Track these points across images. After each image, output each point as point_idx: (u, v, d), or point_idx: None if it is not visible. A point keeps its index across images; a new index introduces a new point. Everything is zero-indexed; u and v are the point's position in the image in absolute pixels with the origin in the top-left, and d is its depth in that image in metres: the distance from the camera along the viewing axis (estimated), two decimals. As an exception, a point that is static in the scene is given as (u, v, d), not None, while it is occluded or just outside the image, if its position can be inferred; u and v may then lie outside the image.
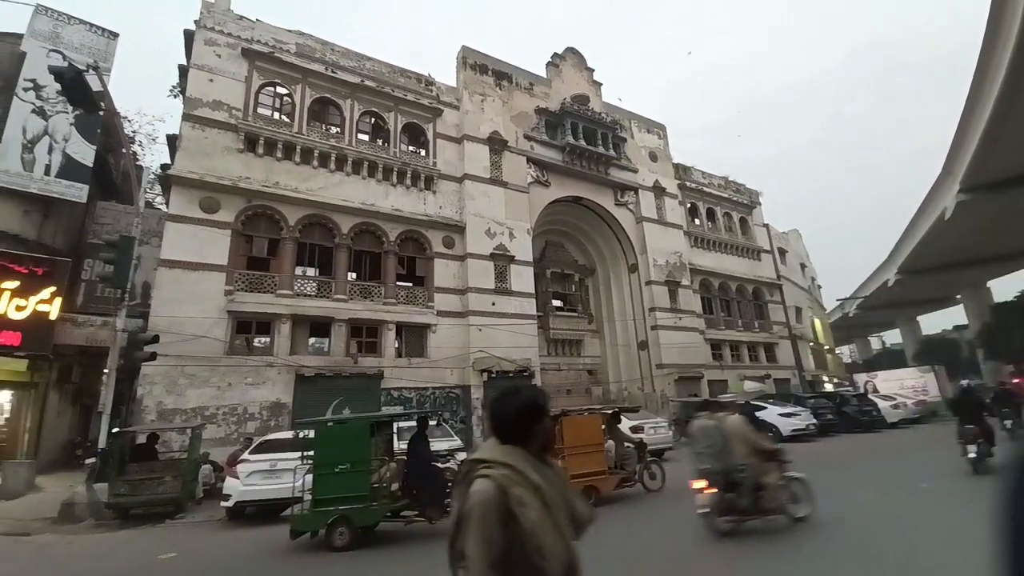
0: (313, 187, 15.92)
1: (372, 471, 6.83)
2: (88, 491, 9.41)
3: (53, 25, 14.47)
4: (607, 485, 8.13)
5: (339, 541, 6.38)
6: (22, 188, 13.39)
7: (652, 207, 24.65)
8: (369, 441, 6.89)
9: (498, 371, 17.03)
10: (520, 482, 1.42)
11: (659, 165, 25.99)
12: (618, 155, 23.76)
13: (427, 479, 6.87)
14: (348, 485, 6.57)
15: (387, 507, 6.73)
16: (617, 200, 23.79)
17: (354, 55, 18.24)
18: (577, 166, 22.34)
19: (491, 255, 18.38)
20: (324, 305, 15.29)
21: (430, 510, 6.72)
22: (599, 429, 8.58)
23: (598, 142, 22.84)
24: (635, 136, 25.62)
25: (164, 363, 11.76)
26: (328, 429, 7.32)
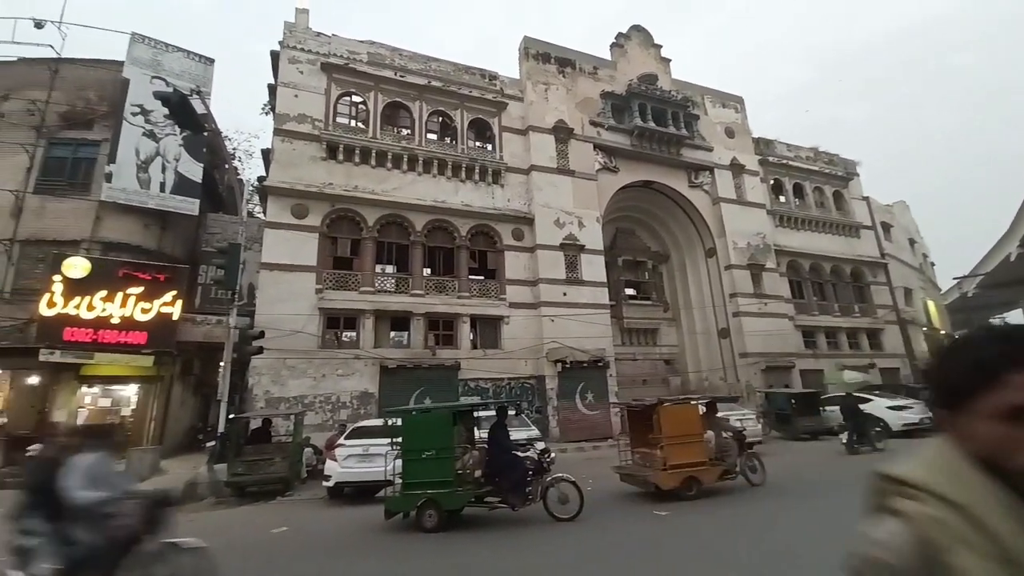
0: (388, 188, 16.69)
1: (456, 458, 7.09)
2: (209, 472, 10.57)
3: (152, 53, 16.03)
4: (709, 476, 7.88)
5: (428, 522, 6.70)
6: (140, 204, 15.21)
7: (730, 186, 23.15)
8: (451, 429, 7.17)
9: (572, 361, 16.91)
10: (974, 541, 0.74)
11: (737, 141, 24.32)
12: (691, 134, 22.55)
13: (508, 467, 7.01)
14: (434, 470, 6.88)
15: (471, 493, 6.97)
16: (691, 182, 22.61)
17: (421, 58, 18.82)
18: (647, 149, 21.50)
19: (560, 245, 18.24)
20: (403, 300, 16.03)
21: (512, 497, 6.84)
22: (698, 419, 8.29)
23: (668, 122, 21.81)
24: (709, 112, 24.15)
25: (269, 356, 12.96)
26: (413, 418, 7.69)
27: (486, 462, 7.24)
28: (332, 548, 6.48)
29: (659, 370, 21.84)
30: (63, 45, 16.36)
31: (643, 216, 23.56)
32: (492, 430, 7.37)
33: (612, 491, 8.48)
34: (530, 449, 7.72)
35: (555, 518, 6.68)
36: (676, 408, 8.28)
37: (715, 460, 8.13)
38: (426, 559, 5.75)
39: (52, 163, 14.94)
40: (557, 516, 6.69)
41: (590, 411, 16.98)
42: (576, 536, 6.16)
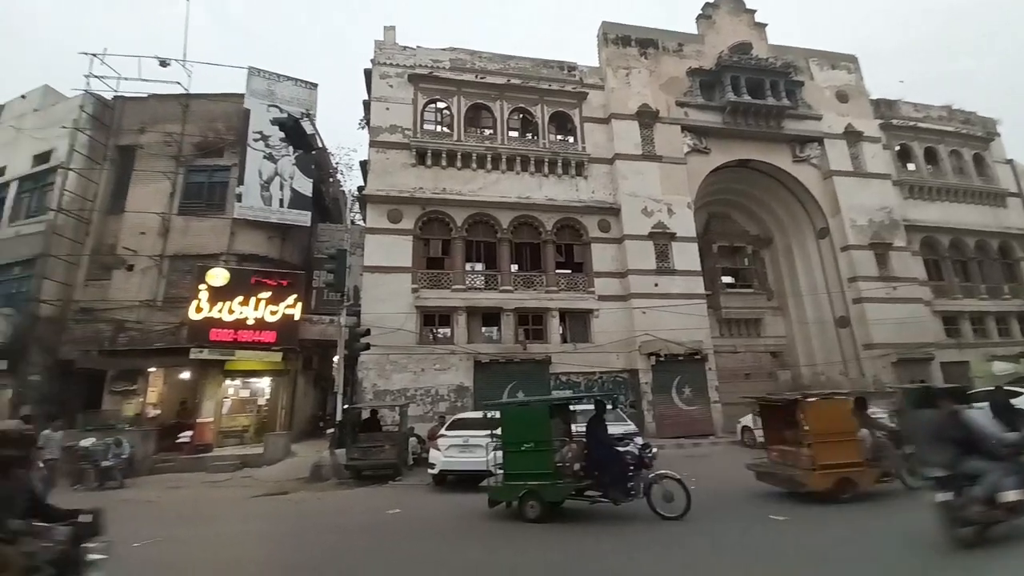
0: (474, 188, 17.20)
1: (554, 451, 7.14)
2: (331, 456, 11.72)
3: (267, 84, 18.01)
4: (865, 479, 7.16)
5: (531, 513, 6.84)
6: (265, 219, 17.17)
7: (844, 157, 20.69)
8: (549, 423, 7.23)
9: (666, 354, 16.25)
10: None
11: (851, 105, 21.65)
12: (793, 103, 20.49)
13: (608, 461, 6.93)
14: (534, 463, 7.00)
15: (572, 486, 6.97)
16: (796, 156, 20.55)
17: (499, 58, 19.11)
18: (742, 125, 19.90)
19: (649, 234, 17.56)
20: (492, 296, 16.46)
21: (613, 492, 6.75)
22: (849, 415, 7.62)
23: (766, 93, 19.99)
24: (816, 76, 21.74)
25: (375, 352, 14.02)
26: (512, 411, 7.88)
27: (585, 456, 7.22)
28: (441, 531, 6.87)
29: (764, 363, 20.21)
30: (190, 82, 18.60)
31: (739, 198, 21.87)
32: (590, 424, 7.33)
33: (719, 492, 8.03)
34: (629, 444, 7.55)
35: (660, 516, 6.48)
36: (823, 403, 7.66)
37: (871, 461, 7.37)
38: (528, 548, 5.85)
39: (192, 187, 17.39)
40: (663, 514, 6.48)
41: (688, 406, 16.20)
42: (683, 536, 5.92)
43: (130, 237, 16.20)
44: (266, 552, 6.44)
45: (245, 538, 7.20)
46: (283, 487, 10.95)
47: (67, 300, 15.82)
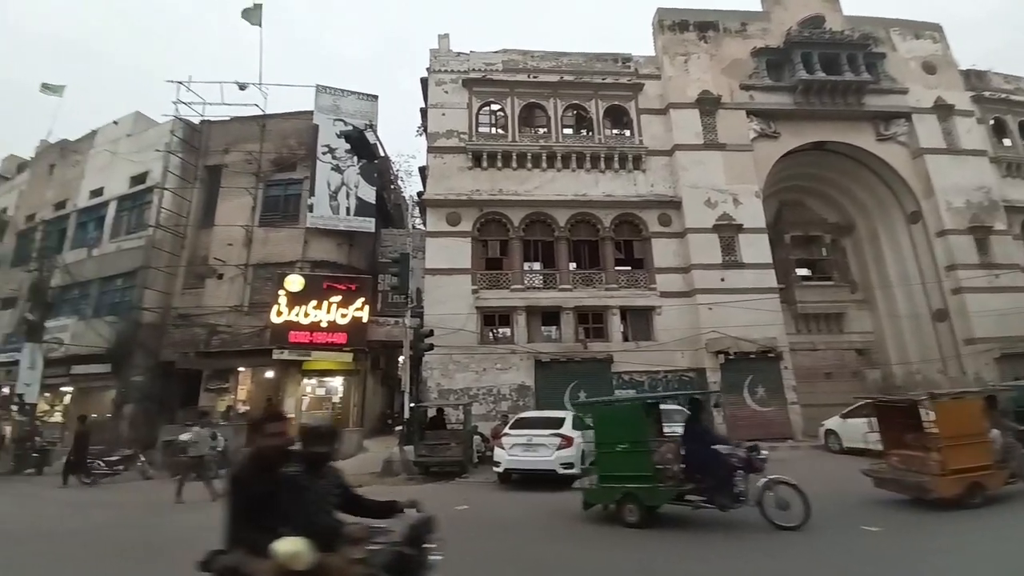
0: (530, 188, 17.23)
1: (652, 451, 6.77)
2: (401, 452, 12.18)
3: (332, 99, 19.02)
4: (995, 481, 6.64)
5: (630, 517, 6.51)
6: (334, 227, 18.17)
7: (936, 133, 18.67)
8: (645, 422, 6.91)
9: (736, 352, 15.45)
10: None
11: (939, 77, 19.51)
12: (875, 77, 18.77)
13: (710, 464, 6.44)
14: (631, 464, 6.65)
15: (674, 489, 6.52)
16: (880, 134, 18.80)
17: (551, 55, 19.02)
18: (816, 104, 18.50)
19: (714, 227, 16.76)
20: (551, 295, 16.42)
21: (720, 497, 6.22)
22: (980, 415, 7.02)
23: (843, 68, 18.44)
24: (898, 48, 19.81)
25: (438, 352, 14.42)
26: (604, 409, 7.60)
27: (683, 458, 6.77)
28: (522, 530, 6.80)
29: (848, 361, 18.67)
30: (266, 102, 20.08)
31: (815, 184, 20.34)
32: (688, 424, 6.94)
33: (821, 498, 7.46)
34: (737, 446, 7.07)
35: (775, 526, 5.95)
36: (953, 403, 7.11)
37: (999, 463, 6.76)
38: (629, 553, 5.61)
39: (270, 201, 18.74)
40: (778, 523, 5.94)
41: (761, 407, 15.31)
42: (802, 548, 5.45)
43: (219, 248, 17.74)
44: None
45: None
46: (358, 480, 11.48)
47: (167, 307, 17.60)
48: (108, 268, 18.64)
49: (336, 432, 2.76)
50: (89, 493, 11.32)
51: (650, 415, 7.50)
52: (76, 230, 20.39)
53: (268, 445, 2.50)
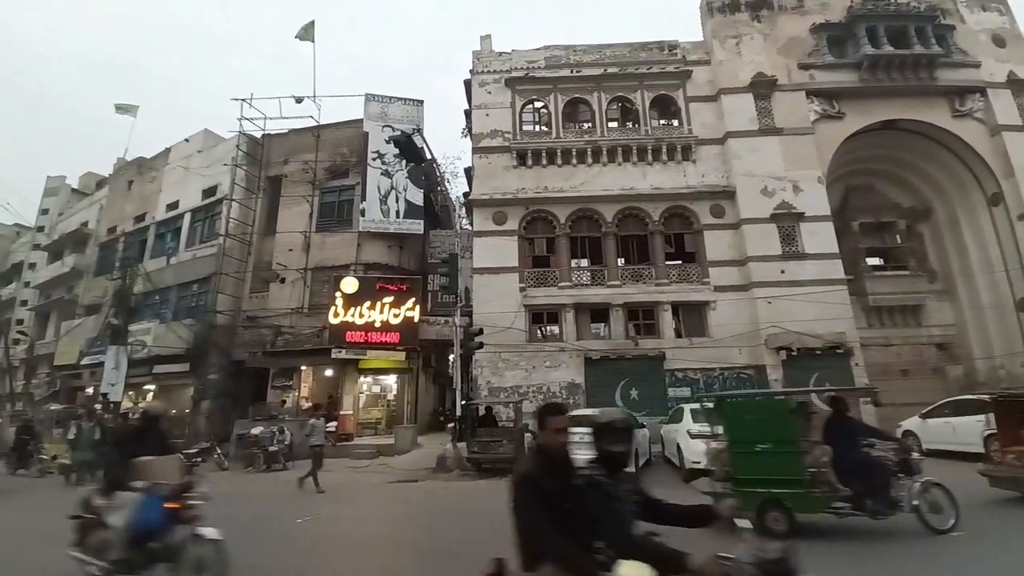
0: (576, 184, 17.06)
1: (805, 453, 6.08)
2: (454, 449, 12.44)
3: (381, 107, 19.71)
4: None
5: (775, 526, 5.77)
6: (384, 230, 18.80)
7: (1011, 109, 16.85)
8: (793, 420, 6.27)
9: (800, 348, 14.61)
10: None
11: (1010, 50, 17.59)
12: (945, 50, 17.18)
13: (865, 467, 5.88)
14: (776, 467, 5.99)
15: (831, 496, 5.77)
16: (955, 110, 17.16)
17: (594, 48, 18.71)
18: (884, 81, 17.14)
19: (772, 216, 15.92)
20: (600, 292, 16.18)
21: (874, 503, 5.64)
22: None
23: (912, 41, 16.98)
24: (966, 19, 18.08)
25: (488, 351, 14.59)
26: (739, 405, 6.99)
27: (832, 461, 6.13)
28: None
29: (927, 357, 17.17)
30: (319, 114, 21.05)
31: (885, 166, 18.83)
32: (832, 423, 6.29)
33: None
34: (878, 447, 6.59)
35: (933, 530, 5.50)
36: None
37: None
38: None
39: (325, 207, 19.66)
40: (935, 528, 5.51)
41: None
42: (974, 551, 5.06)
43: (281, 254, 18.82)
44: (408, 534, 6.97)
45: (387, 519, 7.95)
46: (414, 475, 11.87)
47: (237, 310, 18.86)
48: (184, 275, 20.22)
49: (633, 428, 2.30)
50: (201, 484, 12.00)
51: (799, 412, 6.80)
52: (155, 240, 22.26)
53: (553, 442, 2.15)
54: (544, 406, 2.38)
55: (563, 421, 2.22)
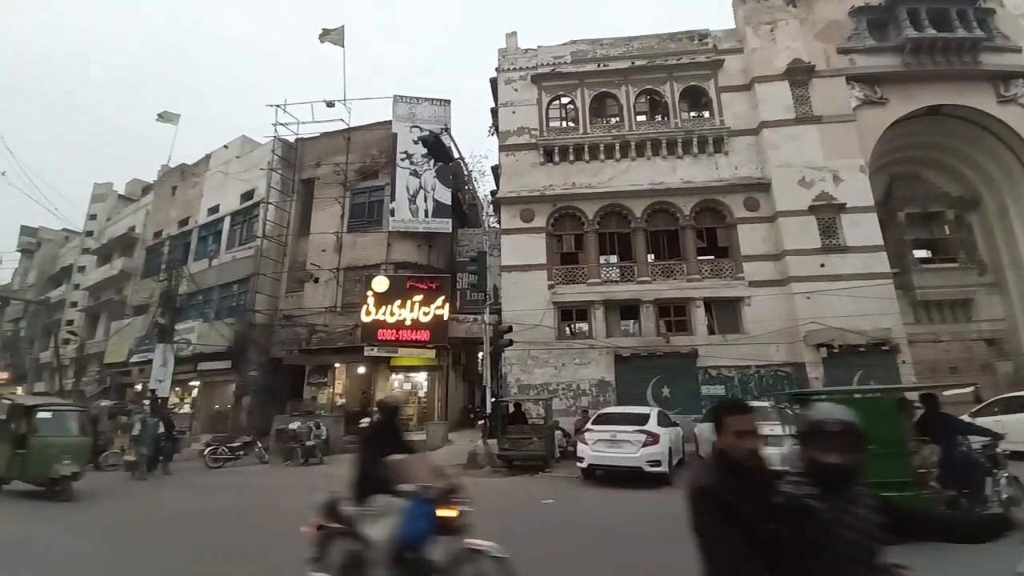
0: (604, 179, 16.87)
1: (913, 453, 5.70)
2: (484, 445, 12.52)
3: (409, 108, 19.91)
4: None
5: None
6: (413, 230, 19.04)
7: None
8: (900, 418, 5.85)
9: (841, 345, 14.06)
10: None
11: None
12: (988, 34, 16.25)
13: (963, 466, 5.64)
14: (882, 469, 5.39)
15: (939, 497, 5.43)
16: (1000, 95, 16.19)
17: (621, 41, 18.42)
18: (927, 65, 16.30)
19: (810, 208, 15.35)
20: (629, 289, 15.97)
21: (968, 502, 5.48)
22: None
23: (954, 24, 16.17)
24: (1005, 3, 17.17)
25: (517, 348, 14.62)
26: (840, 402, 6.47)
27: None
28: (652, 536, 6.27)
29: (976, 353, 16.26)
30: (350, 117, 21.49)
31: (931, 153, 17.90)
32: (925, 419, 6.06)
33: None
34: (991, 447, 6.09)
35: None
36: None
37: None
38: None
39: (356, 208, 20.06)
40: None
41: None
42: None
43: (315, 254, 19.34)
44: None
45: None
46: (445, 471, 11.99)
47: (274, 309, 19.50)
48: (225, 276, 21.03)
49: (863, 435, 1.67)
50: (245, 477, 12.21)
51: (903, 410, 6.40)
52: (198, 243, 23.21)
53: (736, 447, 1.77)
54: (719, 404, 2.05)
55: (748, 422, 1.81)
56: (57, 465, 8.45)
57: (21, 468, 8.66)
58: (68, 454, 8.76)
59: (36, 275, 38.51)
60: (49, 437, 8.89)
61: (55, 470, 8.42)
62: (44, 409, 9.51)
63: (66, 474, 8.50)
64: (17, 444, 8.69)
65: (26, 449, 8.64)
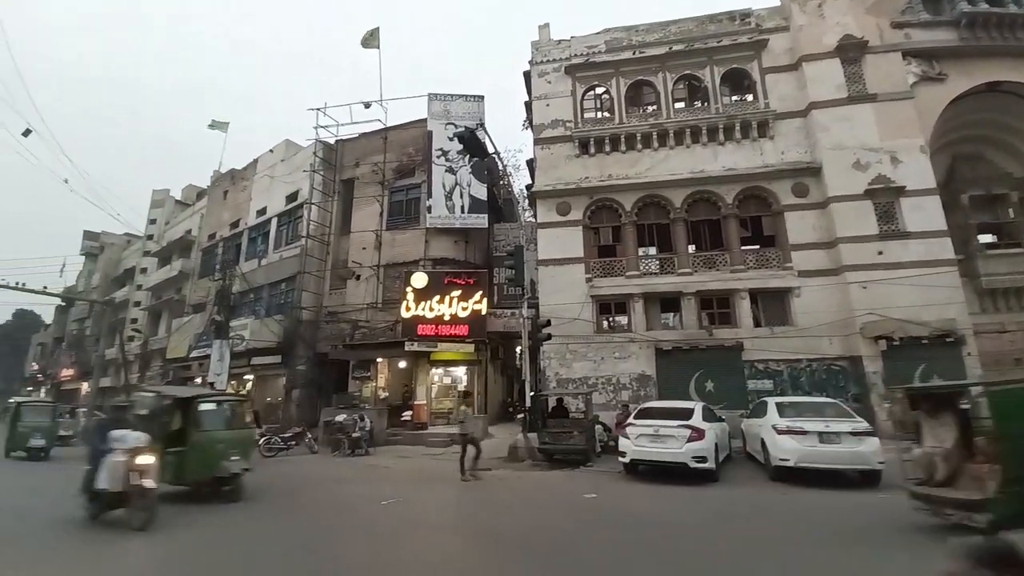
0: (641, 170, 16.50)
1: None
2: (525, 439, 12.58)
3: (443, 105, 20.14)
4: None
5: None
6: (450, 226, 19.27)
7: None
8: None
9: (902, 337, 13.25)
10: None
11: None
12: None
13: None
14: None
15: None
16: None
17: (657, 26, 17.90)
18: (984, 40, 15.13)
19: (866, 192, 14.50)
20: (669, 281, 15.61)
21: None
22: None
23: (1007, 0, 14.85)
24: None
25: (555, 342, 14.60)
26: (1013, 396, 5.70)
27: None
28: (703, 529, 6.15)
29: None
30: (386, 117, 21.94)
31: (993, 131, 16.48)
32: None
33: None
34: None
35: None
36: None
37: None
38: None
39: (394, 206, 20.51)
40: None
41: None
42: None
43: (356, 252, 19.93)
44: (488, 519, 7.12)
45: (463, 505, 8.21)
46: (486, 464, 12.12)
47: (319, 306, 20.24)
48: (274, 274, 21.99)
49: None
50: (300, 466, 12.67)
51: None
52: (248, 244, 24.37)
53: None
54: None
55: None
56: (226, 462, 7.72)
57: (177, 469, 7.59)
58: (235, 449, 8.05)
59: (100, 277, 41.43)
60: (214, 431, 8.10)
61: (223, 468, 7.68)
62: (206, 400, 8.63)
63: (236, 471, 7.84)
64: (170, 442, 7.63)
65: (186, 446, 7.70)
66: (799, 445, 8.48)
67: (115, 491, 6.16)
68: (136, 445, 6.35)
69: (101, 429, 6.80)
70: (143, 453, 6.32)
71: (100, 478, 6.25)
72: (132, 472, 6.12)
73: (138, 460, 6.21)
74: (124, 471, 6.13)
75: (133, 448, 6.31)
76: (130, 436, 6.43)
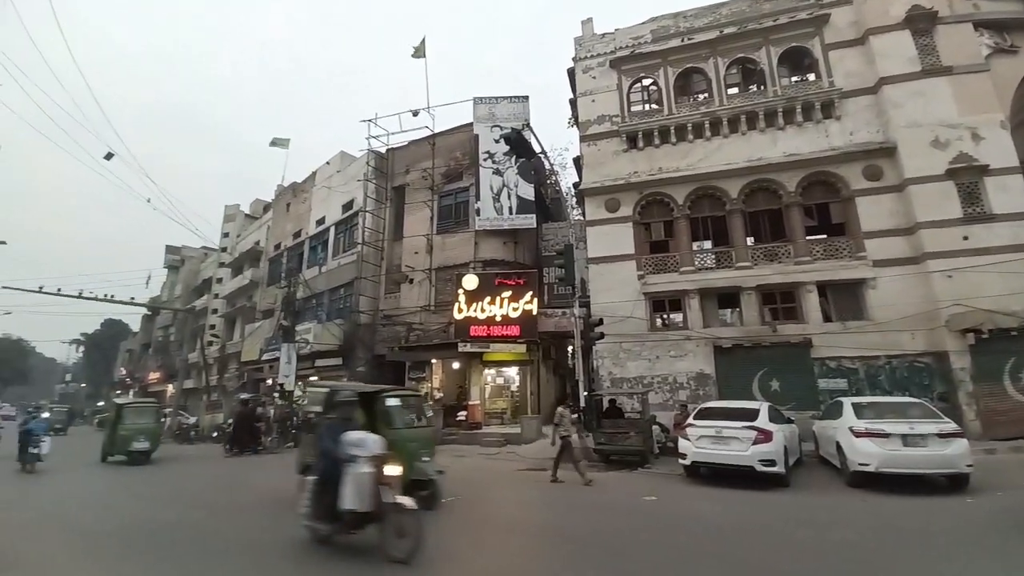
0: (693, 161, 15.93)
1: None
2: (580, 439, 12.47)
3: (488, 108, 20.36)
4: None
5: None
6: (499, 227, 19.46)
7: None
8: None
9: (991, 329, 12.00)
10: None
11: None
12: None
13: None
14: None
15: None
16: None
17: (706, 10, 17.20)
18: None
19: (947, 172, 13.24)
20: (727, 275, 14.96)
21: None
22: None
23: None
24: None
25: (608, 341, 14.39)
26: None
27: None
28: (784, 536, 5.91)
29: None
30: (434, 123, 22.49)
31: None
32: None
33: None
34: None
35: None
36: None
37: None
38: None
39: (443, 210, 20.99)
40: None
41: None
42: None
43: (408, 257, 20.58)
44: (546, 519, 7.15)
45: (521, 504, 8.28)
46: (541, 464, 12.14)
47: (375, 310, 21.06)
48: (333, 281, 23.15)
49: None
50: None
51: None
52: (309, 252, 25.79)
53: None
54: None
55: None
56: (419, 464, 7.34)
57: None
58: (426, 449, 7.92)
59: (182, 287, 45.22)
60: (404, 430, 7.73)
61: (420, 471, 7.24)
62: (391, 395, 8.16)
63: (432, 476, 7.43)
64: None
65: None
66: (880, 449, 7.89)
67: (363, 511, 4.93)
68: (380, 452, 5.15)
69: (332, 431, 5.42)
70: (389, 461, 5.12)
71: (345, 495, 4.96)
72: (382, 486, 4.93)
73: (386, 471, 5.01)
74: (373, 485, 4.93)
75: (378, 456, 5.09)
76: (369, 440, 5.24)
